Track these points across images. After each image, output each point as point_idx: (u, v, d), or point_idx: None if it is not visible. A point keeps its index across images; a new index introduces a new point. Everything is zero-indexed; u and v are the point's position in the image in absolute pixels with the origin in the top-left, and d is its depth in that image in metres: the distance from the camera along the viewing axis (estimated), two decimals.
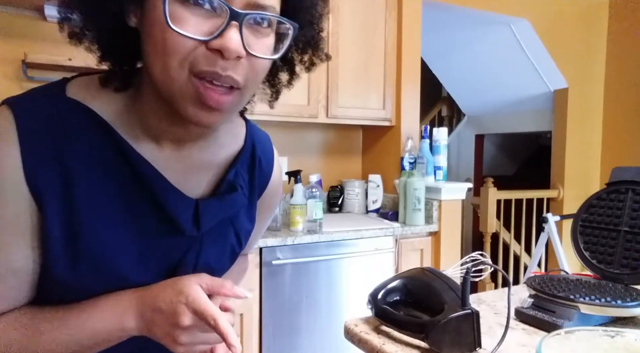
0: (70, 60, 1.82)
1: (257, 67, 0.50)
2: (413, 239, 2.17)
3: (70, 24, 0.51)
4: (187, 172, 0.59)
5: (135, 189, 0.54)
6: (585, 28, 3.40)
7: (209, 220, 0.60)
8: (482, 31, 3.34)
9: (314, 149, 2.59)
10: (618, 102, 3.46)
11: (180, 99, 0.48)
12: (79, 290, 0.53)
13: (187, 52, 0.46)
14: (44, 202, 0.49)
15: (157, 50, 0.47)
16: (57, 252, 0.50)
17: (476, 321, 0.65)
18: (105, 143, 0.52)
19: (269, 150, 0.71)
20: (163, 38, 0.45)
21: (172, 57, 0.46)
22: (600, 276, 0.89)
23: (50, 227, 0.50)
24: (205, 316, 0.50)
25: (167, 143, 0.57)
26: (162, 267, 0.58)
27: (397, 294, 0.76)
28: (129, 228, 0.54)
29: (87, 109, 0.52)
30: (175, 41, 0.45)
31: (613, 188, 0.92)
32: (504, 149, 4.93)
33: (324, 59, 0.63)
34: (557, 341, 0.50)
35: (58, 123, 0.50)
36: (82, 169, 0.51)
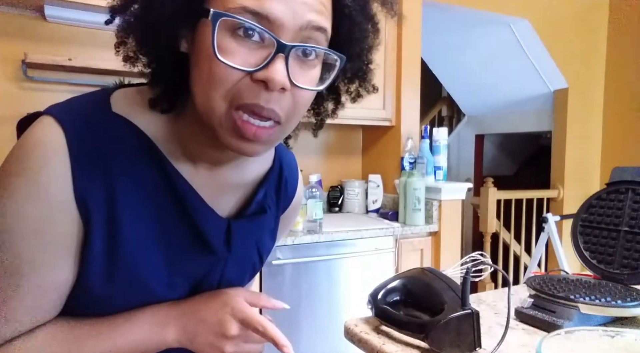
0: (70, 60, 1.82)
1: (300, 99, 0.49)
2: (413, 239, 2.17)
3: (125, 48, 0.52)
4: (219, 192, 0.59)
5: (172, 207, 0.55)
6: (585, 28, 3.40)
7: (239, 241, 0.61)
8: (482, 31, 3.34)
9: (314, 149, 2.59)
10: (618, 102, 3.46)
11: (219, 129, 0.48)
12: (110, 303, 0.53)
13: (231, 84, 0.45)
14: (90, 219, 0.49)
15: (202, 79, 0.47)
16: (96, 267, 0.51)
17: (476, 321, 0.65)
18: (149, 161, 0.53)
19: (295, 171, 0.72)
20: (209, 68, 0.45)
21: (216, 88, 0.46)
22: (600, 276, 0.89)
23: (92, 243, 0.50)
24: (254, 323, 0.53)
25: (202, 164, 0.57)
26: (188, 283, 0.59)
27: (397, 294, 0.76)
28: (162, 245, 0.55)
29: (133, 126, 0.52)
30: (221, 72, 0.45)
31: (613, 188, 0.92)
32: (504, 149, 4.93)
33: (370, 91, 0.62)
34: (557, 341, 0.50)
35: (105, 140, 0.50)
36: (126, 186, 0.51)
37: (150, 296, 0.55)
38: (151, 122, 0.53)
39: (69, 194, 0.48)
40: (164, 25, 0.47)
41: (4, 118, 1.83)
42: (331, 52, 0.49)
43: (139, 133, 0.52)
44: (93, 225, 0.50)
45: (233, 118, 0.47)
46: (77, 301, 0.53)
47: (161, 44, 0.49)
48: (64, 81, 1.91)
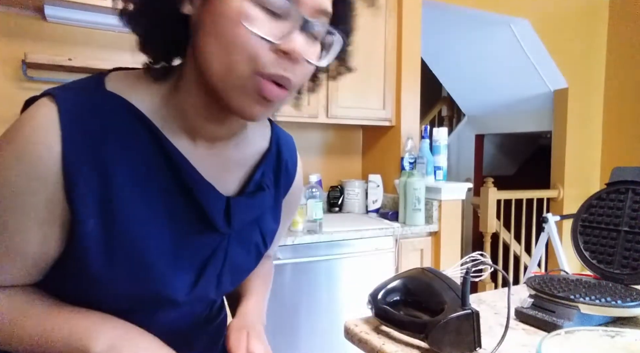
0: (70, 60, 1.82)
1: (305, 71, 0.52)
2: (413, 239, 2.17)
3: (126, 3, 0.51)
4: (218, 169, 0.60)
5: (171, 183, 0.55)
6: (585, 28, 3.40)
7: (239, 218, 0.61)
8: (482, 31, 3.34)
9: (314, 149, 2.59)
10: (618, 102, 3.46)
11: (238, 92, 0.49)
12: (113, 286, 0.52)
13: (255, 50, 0.47)
14: (78, 196, 0.49)
15: (221, 44, 0.47)
16: (92, 246, 0.50)
17: (476, 321, 0.65)
18: (144, 136, 0.53)
19: (294, 152, 0.73)
20: (233, 34, 0.46)
21: (240, 53, 0.47)
22: (600, 276, 0.89)
23: (84, 221, 0.50)
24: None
25: (201, 140, 0.57)
26: (194, 265, 0.58)
27: (397, 294, 0.76)
28: (163, 222, 0.54)
29: (126, 103, 0.52)
30: (246, 38, 0.46)
31: (613, 188, 0.92)
32: (504, 149, 4.93)
33: (350, 71, 0.64)
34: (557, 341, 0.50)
35: (98, 116, 0.50)
36: (122, 162, 0.51)
37: (156, 281, 0.54)
38: (145, 99, 0.53)
39: (55, 168, 0.48)
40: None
41: (4, 118, 1.83)
42: (337, 32, 0.52)
43: (133, 110, 0.52)
44: (82, 203, 0.49)
45: (259, 81, 0.48)
46: (79, 283, 0.53)
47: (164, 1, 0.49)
48: (64, 81, 1.91)
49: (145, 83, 0.54)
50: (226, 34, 0.47)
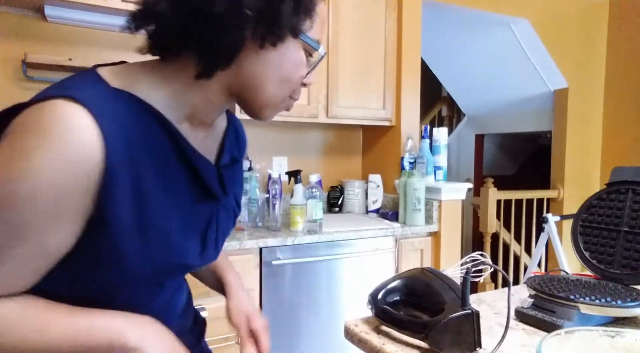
0: (70, 60, 1.82)
1: None
2: (413, 239, 2.17)
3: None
4: (206, 146, 0.69)
5: (179, 164, 0.62)
6: (585, 28, 3.40)
7: (229, 185, 0.73)
8: (482, 31, 3.34)
9: (314, 149, 2.59)
10: (618, 102, 3.46)
11: (271, 107, 0.65)
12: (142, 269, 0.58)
13: (297, 84, 0.65)
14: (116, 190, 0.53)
15: (279, 76, 0.62)
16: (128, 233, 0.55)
17: (476, 321, 0.65)
18: (155, 127, 0.58)
19: (238, 120, 0.84)
20: (294, 74, 0.63)
21: (290, 86, 0.64)
22: (600, 276, 0.89)
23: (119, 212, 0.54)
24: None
25: (197, 124, 0.66)
26: (197, 232, 0.67)
27: (397, 294, 0.76)
28: (176, 200, 0.62)
29: (136, 98, 0.57)
30: (296, 77, 0.63)
31: (613, 188, 0.92)
32: (504, 149, 4.93)
33: None
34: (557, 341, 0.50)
35: (121, 114, 0.54)
36: (144, 152, 0.56)
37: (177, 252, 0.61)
38: (151, 93, 0.59)
39: (98, 166, 0.51)
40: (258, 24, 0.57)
41: None
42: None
43: (143, 103, 0.57)
44: (121, 195, 0.53)
45: (287, 102, 0.66)
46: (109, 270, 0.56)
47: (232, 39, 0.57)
48: None
49: (149, 78, 0.59)
50: (287, 73, 0.62)
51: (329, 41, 2.18)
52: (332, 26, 2.19)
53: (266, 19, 0.57)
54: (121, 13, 1.81)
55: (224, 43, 0.57)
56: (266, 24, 0.57)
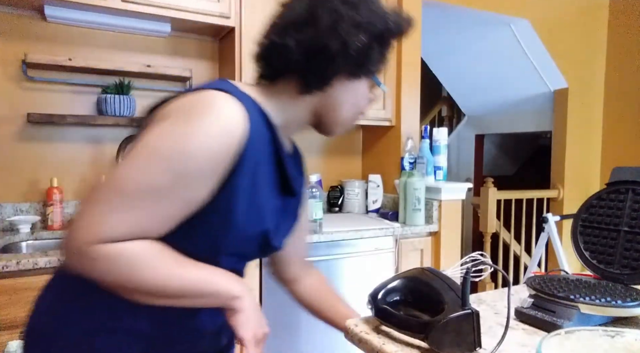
0: (70, 60, 1.82)
1: None
2: (413, 239, 2.17)
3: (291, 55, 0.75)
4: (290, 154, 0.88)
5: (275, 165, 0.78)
6: (585, 28, 3.40)
7: (299, 188, 0.88)
8: (482, 31, 3.34)
9: (314, 149, 2.59)
10: (618, 102, 3.46)
11: (342, 126, 0.83)
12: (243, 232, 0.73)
13: (364, 110, 0.85)
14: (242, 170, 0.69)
15: (353, 103, 0.81)
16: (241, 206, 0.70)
17: (476, 321, 0.65)
18: (269, 135, 0.75)
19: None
20: (362, 102, 0.83)
21: (359, 111, 0.83)
22: (600, 276, 0.89)
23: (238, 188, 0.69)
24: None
25: (288, 135, 0.85)
26: (279, 221, 0.82)
27: (397, 294, 0.76)
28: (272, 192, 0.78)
29: (263, 111, 0.75)
30: (364, 105, 0.83)
31: (613, 188, 0.92)
32: (504, 149, 4.93)
33: None
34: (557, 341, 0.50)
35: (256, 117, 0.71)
36: (259, 150, 0.72)
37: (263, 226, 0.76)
38: (268, 109, 0.77)
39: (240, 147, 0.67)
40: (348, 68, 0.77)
41: (4, 118, 1.83)
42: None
43: (266, 116, 0.75)
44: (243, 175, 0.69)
45: (349, 124, 0.84)
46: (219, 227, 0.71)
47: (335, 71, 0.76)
48: (64, 81, 1.92)
49: (267, 97, 0.78)
50: (358, 100, 0.82)
51: None
52: None
53: (360, 60, 0.76)
54: (121, 13, 1.81)
55: (327, 72, 0.76)
56: (358, 64, 0.77)
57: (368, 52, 0.77)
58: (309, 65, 0.75)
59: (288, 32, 0.75)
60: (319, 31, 0.74)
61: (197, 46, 2.18)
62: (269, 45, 0.78)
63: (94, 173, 2.00)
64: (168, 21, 1.94)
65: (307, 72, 0.75)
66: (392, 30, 0.80)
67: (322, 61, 0.75)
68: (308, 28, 0.74)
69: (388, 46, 0.82)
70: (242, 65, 1.98)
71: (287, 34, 0.75)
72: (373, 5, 0.78)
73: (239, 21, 1.96)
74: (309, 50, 0.74)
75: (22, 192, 1.87)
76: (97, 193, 0.61)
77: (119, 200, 0.60)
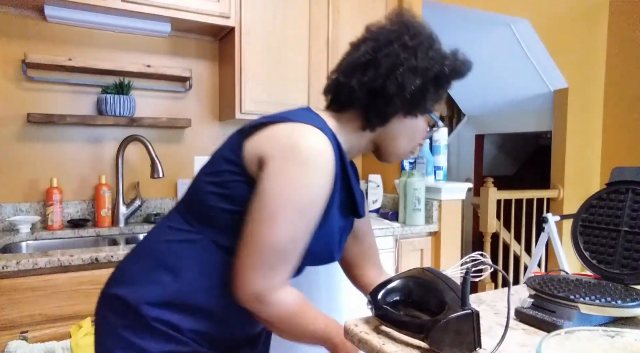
0: (70, 60, 1.82)
1: None
2: (413, 239, 2.17)
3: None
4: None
5: (344, 188, 0.89)
6: (585, 28, 3.40)
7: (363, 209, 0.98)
8: (482, 31, 3.34)
9: None
10: (618, 102, 3.46)
11: (397, 157, 0.94)
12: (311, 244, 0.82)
13: (418, 144, 0.95)
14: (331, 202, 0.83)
15: (409, 137, 0.92)
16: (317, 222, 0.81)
17: (476, 321, 0.65)
18: (341, 161, 0.85)
19: None
20: (418, 137, 0.93)
21: (414, 144, 0.94)
22: (600, 276, 0.89)
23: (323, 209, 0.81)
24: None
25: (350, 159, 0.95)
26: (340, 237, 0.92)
27: (397, 294, 0.76)
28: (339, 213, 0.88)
29: (338, 141, 0.85)
30: (420, 139, 0.94)
31: (613, 188, 0.92)
32: (504, 149, 4.93)
33: None
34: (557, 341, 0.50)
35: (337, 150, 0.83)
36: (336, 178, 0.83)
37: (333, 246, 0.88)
38: (340, 138, 0.89)
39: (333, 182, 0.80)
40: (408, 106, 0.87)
41: (4, 118, 1.83)
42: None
43: (339, 145, 0.85)
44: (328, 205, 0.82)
45: (408, 154, 0.96)
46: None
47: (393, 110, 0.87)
48: (64, 81, 1.92)
49: (337, 125, 0.89)
50: (414, 135, 0.93)
51: (329, 41, 2.18)
52: (332, 26, 2.19)
53: (415, 101, 0.85)
54: (121, 13, 1.81)
55: (385, 111, 0.86)
56: (414, 104, 0.86)
57: (423, 93, 0.85)
58: (370, 104, 0.85)
59: (353, 73, 0.86)
60: (378, 74, 0.83)
61: (197, 46, 2.18)
62: (335, 82, 0.89)
63: (94, 173, 2.00)
64: (168, 21, 1.94)
65: (368, 110, 0.86)
66: (447, 74, 0.89)
67: (381, 101, 0.84)
68: (370, 71, 0.84)
69: (443, 88, 0.90)
70: (242, 65, 1.98)
71: (352, 75, 0.86)
72: (431, 51, 0.87)
73: (239, 21, 1.96)
74: (370, 91, 0.84)
75: (22, 192, 1.87)
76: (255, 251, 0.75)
77: (277, 257, 0.76)
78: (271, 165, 0.75)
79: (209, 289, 0.80)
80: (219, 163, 0.82)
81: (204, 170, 0.86)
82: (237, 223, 0.78)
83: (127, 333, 0.78)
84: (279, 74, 2.07)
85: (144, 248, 0.87)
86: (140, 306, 0.78)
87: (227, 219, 0.79)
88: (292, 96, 2.11)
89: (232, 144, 0.83)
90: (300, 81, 2.13)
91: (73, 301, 1.41)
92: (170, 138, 2.15)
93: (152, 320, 0.77)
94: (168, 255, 0.81)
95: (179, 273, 0.80)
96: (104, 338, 0.81)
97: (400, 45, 0.84)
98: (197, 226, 0.82)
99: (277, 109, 2.25)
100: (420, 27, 0.89)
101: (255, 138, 0.79)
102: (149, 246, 0.86)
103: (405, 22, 0.88)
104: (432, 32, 0.91)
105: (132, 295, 0.79)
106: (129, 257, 0.88)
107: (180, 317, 0.79)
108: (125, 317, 0.79)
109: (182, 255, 0.80)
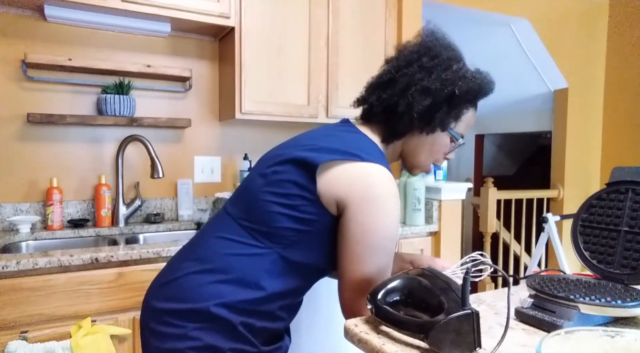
0: (70, 60, 1.82)
1: None
2: (413, 239, 2.17)
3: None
4: None
5: None
6: (585, 28, 3.40)
7: None
8: (482, 31, 3.34)
9: None
10: (618, 102, 3.46)
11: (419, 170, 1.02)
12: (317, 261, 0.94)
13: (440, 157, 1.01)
14: None
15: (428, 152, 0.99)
16: None
17: (476, 321, 0.65)
18: None
19: None
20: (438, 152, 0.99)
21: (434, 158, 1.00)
22: (600, 276, 0.89)
23: None
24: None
25: None
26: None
27: (397, 294, 0.76)
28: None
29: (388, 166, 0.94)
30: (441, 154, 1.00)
31: (613, 188, 0.92)
32: (504, 149, 4.93)
33: None
34: (557, 341, 0.50)
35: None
36: None
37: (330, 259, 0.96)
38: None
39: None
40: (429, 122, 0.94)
41: (4, 118, 1.83)
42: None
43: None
44: None
45: (430, 167, 1.02)
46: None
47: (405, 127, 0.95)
48: (64, 81, 1.92)
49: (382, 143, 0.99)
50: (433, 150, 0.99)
51: (329, 41, 2.18)
52: (332, 26, 2.19)
53: (425, 120, 0.92)
54: (121, 13, 1.81)
55: (397, 127, 0.95)
56: (425, 122, 0.93)
57: (433, 112, 0.92)
58: (387, 120, 0.95)
59: (374, 90, 0.97)
60: (394, 93, 0.92)
61: (197, 46, 2.18)
62: (360, 98, 1.01)
63: (93, 173, 2.00)
64: (168, 21, 1.94)
65: (385, 125, 0.96)
66: (460, 95, 0.92)
67: (393, 118, 0.93)
68: (388, 89, 0.93)
69: (460, 107, 0.95)
70: (242, 65, 1.98)
71: (373, 92, 0.97)
72: (447, 72, 0.92)
73: (239, 21, 1.96)
74: (385, 108, 0.94)
75: (22, 192, 1.87)
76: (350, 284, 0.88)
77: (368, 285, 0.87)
78: (353, 210, 0.84)
79: (281, 295, 0.89)
80: (289, 186, 0.87)
81: (268, 190, 0.89)
82: (306, 240, 0.88)
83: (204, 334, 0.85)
84: (279, 75, 2.07)
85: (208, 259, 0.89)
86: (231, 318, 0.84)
87: (297, 238, 0.87)
88: (292, 96, 2.11)
89: (301, 173, 0.87)
90: (300, 81, 2.13)
91: (73, 301, 1.41)
92: (170, 138, 2.15)
93: (238, 325, 0.85)
94: (242, 267, 0.87)
95: (257, 283, 0.86)
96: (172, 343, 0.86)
97: (418, 66, 0.92)
98: (264, 242, 0.88)
99: (277, 109, 2.24)
100: (442, 49, 0.96)
101: (329, 175, 0.85)
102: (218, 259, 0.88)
103: (427, 43, 0.96)
104: (455, 54, 0.97)
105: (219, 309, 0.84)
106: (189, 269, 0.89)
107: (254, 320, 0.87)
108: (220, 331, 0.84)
109: (255, 267, 0.87)
